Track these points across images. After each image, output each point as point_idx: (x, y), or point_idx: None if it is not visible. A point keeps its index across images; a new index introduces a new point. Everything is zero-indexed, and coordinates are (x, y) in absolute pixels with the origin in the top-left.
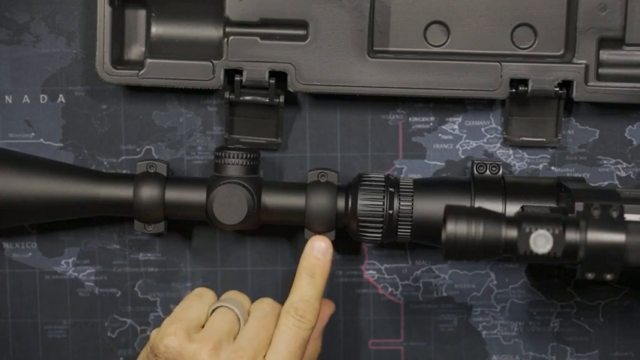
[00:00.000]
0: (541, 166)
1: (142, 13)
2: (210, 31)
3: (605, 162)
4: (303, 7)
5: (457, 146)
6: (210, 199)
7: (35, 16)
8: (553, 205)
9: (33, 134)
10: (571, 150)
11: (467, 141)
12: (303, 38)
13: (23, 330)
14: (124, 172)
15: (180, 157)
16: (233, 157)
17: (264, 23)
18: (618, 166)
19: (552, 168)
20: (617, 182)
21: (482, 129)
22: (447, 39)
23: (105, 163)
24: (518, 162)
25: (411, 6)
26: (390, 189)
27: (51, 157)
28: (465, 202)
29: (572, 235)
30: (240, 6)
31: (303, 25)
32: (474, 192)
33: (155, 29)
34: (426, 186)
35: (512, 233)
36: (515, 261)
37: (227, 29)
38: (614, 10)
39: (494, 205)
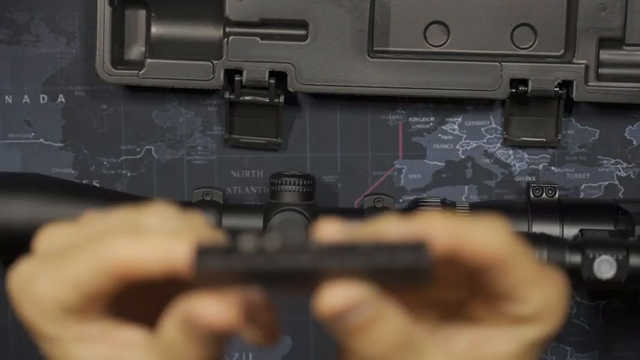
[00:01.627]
0: (541, 166)
1: (142, 13)
2: (210, 31)
3: (605, 162)
4: (303, 7)
5: (457, 146)
6: (267, 227)
7: (35, 16)
8: (611, 227)
9: (33, 134)
10: (571, 150)
11: (467, 141)
12: (303, 38)
13: (23, 330)
14: (123, 172)
15: (180, 157)
16: (288, 184)
17: (264, 23)
18: (618, 166)
19: (552, 168)
20: (617, 182)
21: (483, 129)
22: (447, 39)
23: (105, 163)
24: (518, 162)
25: (411, 6)
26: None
27: (51, 157)
28: (523, 226)
29: (636, 261)
30: (240, 6)
31: (303, 25)
32: (531, 215)
33: (155, 29)
34: (482, 210)
35: (575, 259)
36: (575, 287)
37: (227, 29)
38: (614, 10)
39: (552, 229)
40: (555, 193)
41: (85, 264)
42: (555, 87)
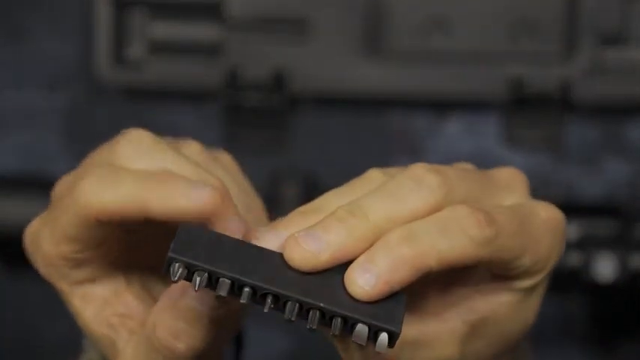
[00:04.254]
0: (541, 166)
1: (142, 13)
2: (209, 32)
3: (605, 162)
4: (303, 6)
5: (457, 146)
6: None
7: (35, 16)
8: (611, 228)
9: (33, 134)
10: (571, 150)
11: (467, 141)
12: (303, 38)
13: (23, 330)
14: None
15: None
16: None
17: (264, 23)
18: (618, 166)
19: (552, 168)
20: (617, 182)
21: (483, 129)
22: (447, 39)
23: None
24: (518, 162)
25: (412, 6)
26: None
27: (50, 157)
28: None
29: (636, 261)
30: (240, 6)
31: (303, 25)
32: None
33: (155, 29)
34: None
35: (575, 259)
36: (575, 287)
37: (227, 29)
38: (614, 10)
39: None
40: (555, 194)
41: (67, 213)
42: (555, 87)
